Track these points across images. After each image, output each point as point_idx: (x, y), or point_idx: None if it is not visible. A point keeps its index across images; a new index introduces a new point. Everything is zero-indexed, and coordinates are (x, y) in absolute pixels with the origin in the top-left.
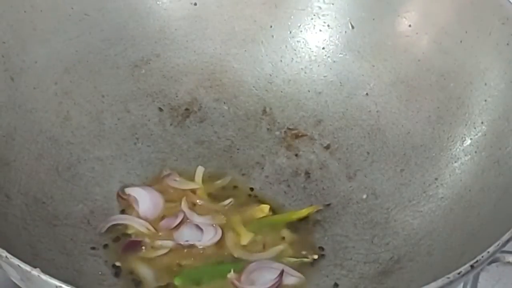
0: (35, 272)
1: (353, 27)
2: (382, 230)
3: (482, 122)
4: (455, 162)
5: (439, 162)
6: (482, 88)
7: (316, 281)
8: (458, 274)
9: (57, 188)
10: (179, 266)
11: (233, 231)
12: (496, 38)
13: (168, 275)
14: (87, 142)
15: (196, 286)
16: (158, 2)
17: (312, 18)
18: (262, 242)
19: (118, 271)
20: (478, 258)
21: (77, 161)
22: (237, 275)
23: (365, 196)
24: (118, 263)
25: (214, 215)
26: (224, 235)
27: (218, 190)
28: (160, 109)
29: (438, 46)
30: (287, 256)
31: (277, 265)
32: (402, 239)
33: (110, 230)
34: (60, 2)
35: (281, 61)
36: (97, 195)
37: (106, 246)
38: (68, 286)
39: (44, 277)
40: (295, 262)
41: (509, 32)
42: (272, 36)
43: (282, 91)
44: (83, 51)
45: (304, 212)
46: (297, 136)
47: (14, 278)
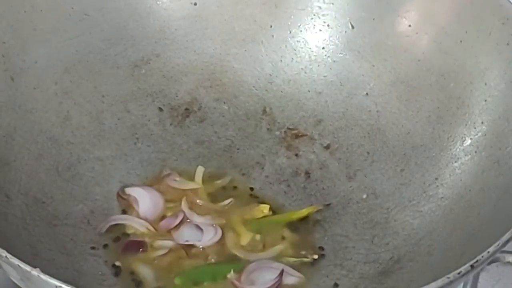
0: (35, 272)
1: (353, 27)
2: (382, 230)
3: (482, 122)
4: (455, 162)
5: (439, 162)
6: (482, 88)
7: (316, 281)
8: (458, 274)
9: (57, 188)
10: (179, 266)
11: (233, 231)
12: (496, 38)
13: (168, 275)
14: (87, 142)
15: (196, 286)
16: (158, 2)
17: (312, 18)
18: (262, 242)
19: (118, 271)
20: (478, 258)
21: (77, 161)
22: (237, 275)
23: (365, 196)
24: (118, 263)
25: (214, 215)
26: (224, 235)
27: (218, 190)
28: (160, 109)
29: (438, 46)
30: (287, 256)
31: (277, 265)
32: (402, 239)
33: (110, 230)
34: (60, 2)
35: (281, 61)
36: (97, 195)
37: (106, 246)
38: (68, 286)
39: (44, 277)
40: (295, 262)
41: (509, 32)
42: (272, 36)
43: (282, 91)
44: (83, 51)
45: (304, 212)
46: (297, 136)
47: (14, 278)
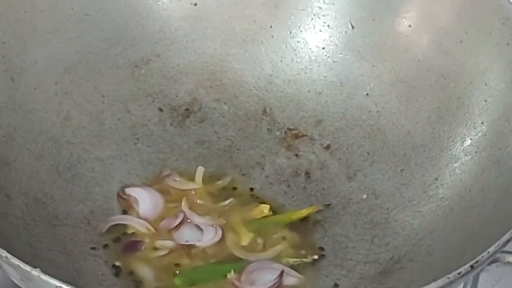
0: (35, 272)
1: (353, 27)
2: (382, 230)
3: (482, 122)
4: (455, 162)
5: (439, 162)
6: (482, 88)
7: (316, 281)
8: (458, 274)
9: (57, 188)
10: (179, 266)
11: (233, 231)
12: (496, 38)
13: (168, 275)
14: (88, 142)
15: (196, 286)
16: (158, 2)
17: (312, 18)
18: (262, 242)
19: (118, 271)
20: (478, 258)
21: (77, 161)
22: (237, 275)
23: (365, 196)
24: (118, 263)
25: (214, 215)
26: (224, 235)
27: (218, 190)
28: (160, 109)
29: (438, 46)
30: (287, 256)
31: (277, 265)
32: (402, 239)
33: (110, 230)
34: (60, 2)
35: (281, 61)
36: (97, 195)
37: (106, 246)
38: (68, 286)
39: (44, 277)
40: (295, 262)
41: (509, 32)
42: (272, 36)
43: (282, 91)
44: (84, 51)
45: (304, 212)
46: (297, 136)
47: (14, 278)
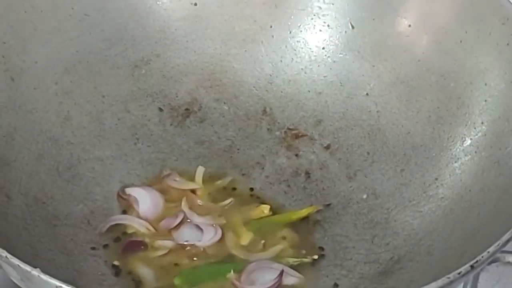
0: (35, 272)
1: (353, 27)
2: (382, 230)
3: (482, 122)
4: (455, 162)
5: (439, 162)
6: (482, 88)
7: (316, 281)
8: (458, 274)
9: (57, 188)
10: (179, 266)
11: (233, 231)
12: (496, 38)
13: (168, 275)
14: (88, 142)
15: (196, 286)
16: (158, 2)
17: (312, 18)
18: (262, 242)
19: (118, 271)
20: (478, 258)
21: (77, 161)
22: (237, 275)
23: (365, 196)
24: (118, 263)
25: (214, 215)
26: (224, 235)
27: (218, 190)
28: (160, 109)
29: (438, 46)
30: (287, 256)
31: (277, 265)
32: (402, 239)
33: (110, 230)
34: (60, 2)
35: (281, 61)
36: (97, 195)
37: (106, 246)
38: (68, 286)
39: (44, 277)
40: (295, 262)
41: (509, 32)
42: (272, 36)
43: (282, 91)
44: (84, 51)
45: (304, 212)
46: (297, 136)
47: (14, 278)
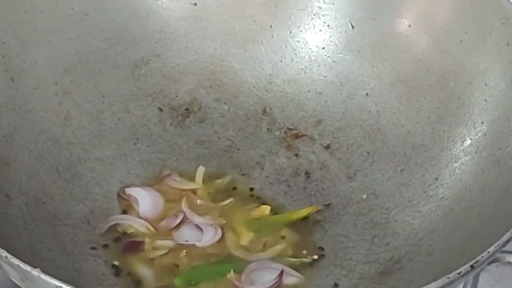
0: (35, 272)
1: (353, 27)
2: (382, 230)
3: (482, 122)
4: (455, 162)
5: (439, 162)
6: (482, 88)
7: (316, 281)
8: (458, 274)
9: (57, 188)
10: (179, 266)
11: (233, 231)
12: (496, 38)
13: (168, 275)
14: (88, 142)
15: (196, 286)
16: (158, 2)
17: (312, 18)
18: (262, 242)
19: (118, 271)
20: (478, 258)
21: (77, 161)
22: (237, 275)
23: (365, 196)
24: (118, 263)
25: (214, 215)
26: (224, 235)
27: (218, 190)
28: (160, 109)
29: (438, 46)
30: (287, 256)
31: (277, 265)
32: (402, 239)
33: (110, 230)
34: (60, 2)
35: (281, 61)
36: (97, 195)
37: (106, 246)
38: (68, 286)
39: (44, 277)
40: (295, 262)
41: (509, 32)
42: (272, 36)
43: (282, 91)
44: (83, 51)
45: (304, 212)
46: (297, 136)
47: (14, 278)
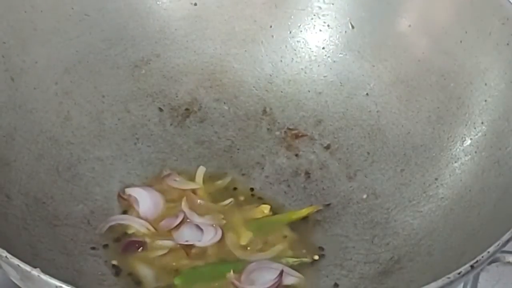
0: (35, 272)
1: (353, 27)
2: (382, 230)
3: (482, 122)
4: (455, 162)
5: (439, 162)
6: (482, 88)
7: (316, 281)
8: (458, 274)
9: (57, 188)
10: (179, 266)
11: (233, 231)
12: (496, 38)
13: (168, 275)
14: (88, 142)
15: (196, 286)
16: (158, 2)
17: (312, 18)
18: (262, 242)
19: (118, 271)
20: (478, 258)
21: (77, 161)
22: (237, 275)
23: (365, 196)
24: (118, 263)
25: (214, 215)
26: (224, 235)
27: (218, 190)
28: (160, 109)
29: (438, 46)
30: (287, 256)
31: (276, 265)
32: (402, 239)
33: (110, 230)
34: (60, 3)
35: (281, 61)
36: (97, 195)
37: (106, 246)
38: (68, 286)
39: (44, 277)
40: (295, 262)
41: (509, 32)
42: (272, 36)
43: (282, 91)
44: (84, 51)
45: (304, 212)
46: (297, 136)
47: (14, 278)
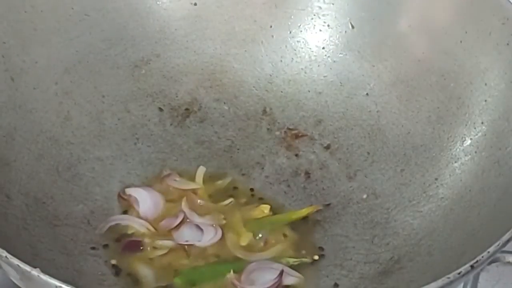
0: (35, 272)
1: (353, 27)
2: (382, 230)
3: (482, 122)
4: (455, 162)
5: (439, 162)
6: (482, 88)
7: (316, 281)
8: (458, 274)
9: (57, 188)
10: (179, 266)
11: (233, 231)
12: (496, 38)
13: (168, 275)
14: (88, 142)
15: (196, 286)
16: (158, 2)
17: (312, 18)
18: (262, 242)
19: (118, 271)
20: (478, 258)
21: (77, 161)
22: (237, 275)
23: (365, 196)
24: (118, 263)
25: (214, 215)
26: (224, 235)
27: (218, 190)
28: (160, 109)
29: (438, 46)
30: (287, 256)
31: (276, 265)
32: (402, 239)
33: (110, 230)
34: (60, 3)
35: (281, 61)
36: (97, 195)
37: (106, 246)
38: (68, 286)
39: (44, 277)
40: (295, 262)
41: (509, 32)
42: (272, 36)
43: (282, 91)
44: (84, 51)
45: (304, 212)
46: (297, 136)
47: (14, 278)
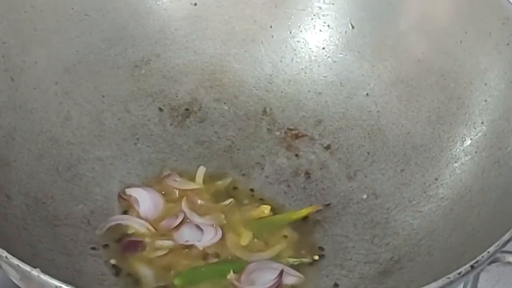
0: (35, 272)
1: (353, 27)
2: (382, 230)
3: (482, 122)
4: (455, 162)
5: (439, 162)
6: (482, 88)
7: (316, 281)
8: (458, 274)
9: (57, 188)
10: (179, 266)
11: (233, 232)
12: (496, 38)
13: (168, 275)
14: (88, 142)
15: (196, 286)
16: (158, 2)
17: (312, 18)
18: (262, 242)
19: (118, 271)
20: (478, 258)
21: (77, 161)
22: (237, 275)
23: (365, 196)
24: (118, 263)
25: (214, 215)
26: (224, 236)
27: (218, 191)
28: (160, 109)
29: (438, 46)
30: (287, 256)
31: (276, 265)
32: (402, 239)
33: (110, 230)
34: (60, 3)
35: (281, 61)
36: (97, 195)
37: (106, 246)
38: (68, 286)
39: (44, 277)
40: (295, 262)
41: (509, 32)
42: (272, 36)
43: (282, 91)
44: (84, 51)
45: (304, 212)
46: (297, 136)
47: (14, 278)
